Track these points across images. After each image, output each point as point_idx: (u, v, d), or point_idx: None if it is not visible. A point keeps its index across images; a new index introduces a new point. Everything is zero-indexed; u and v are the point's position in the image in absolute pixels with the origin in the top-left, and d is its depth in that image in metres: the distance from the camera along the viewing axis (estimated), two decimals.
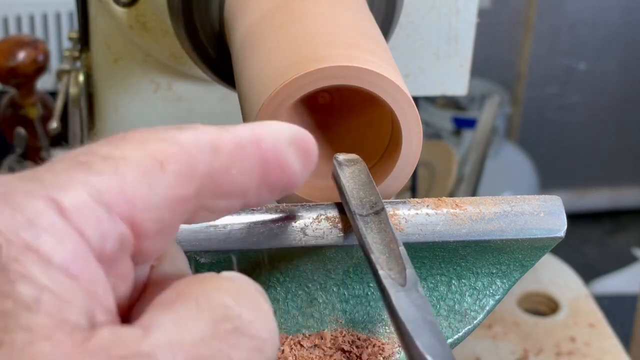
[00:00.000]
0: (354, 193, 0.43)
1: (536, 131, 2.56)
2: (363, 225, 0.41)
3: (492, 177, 2.03)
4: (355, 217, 0.41)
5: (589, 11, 2.44)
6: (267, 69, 0.46)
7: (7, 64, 0.99)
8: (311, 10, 0.50)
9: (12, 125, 1.04)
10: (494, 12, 2.39)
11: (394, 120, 0.46)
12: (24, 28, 1.84)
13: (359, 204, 0.42)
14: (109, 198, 0.30)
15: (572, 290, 1.06)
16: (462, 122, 2.29)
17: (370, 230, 0.40)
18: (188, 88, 0.74)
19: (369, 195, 0.43)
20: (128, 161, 0.31)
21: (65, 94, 0.85)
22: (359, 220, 0.41)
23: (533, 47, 2.46)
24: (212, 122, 0.74)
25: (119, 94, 0.74)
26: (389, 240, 0.39)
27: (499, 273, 0.46)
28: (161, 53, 0.71)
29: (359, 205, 0.42)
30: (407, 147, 0.46)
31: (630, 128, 2.60)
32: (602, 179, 2.66)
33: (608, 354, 0.95)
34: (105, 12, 0.70)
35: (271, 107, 0.44)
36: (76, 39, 0.84)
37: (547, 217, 0.45)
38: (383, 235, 0.40)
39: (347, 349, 0.44)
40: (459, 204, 0.44)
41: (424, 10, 0.71)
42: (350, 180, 0.43)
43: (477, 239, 0.44)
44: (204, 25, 0.59)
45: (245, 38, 0.52)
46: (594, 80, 2.53)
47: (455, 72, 0.74)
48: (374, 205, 0.42)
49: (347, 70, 0.44)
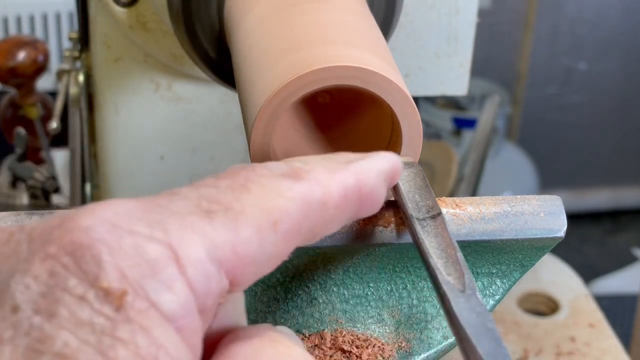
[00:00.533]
0: (410, 196, 0.42)
1: (536, 131, 2.56)
2: (420, 229, 0.40)
3: (492, 177, 2.03)
4: (413, 221, 0.41)
5: (589, 11, 2.44)
6: (267, 69, 0.46)
7: (7, 64, 0.99)
8: (311, 10, 0.50)
9: (12, 125, 1.04)
10: (494, 12, 2.39)
11: (394, 120, 0.46)
12: (24, 28, 1.84)
13: (415, 207, 0.42)
14: (222, 255, 0.31)
15: (572, 290, 1.06)
16: (462, 122, 2.29)
17: (428, 235, 0.40)
18: (188, 88, 0.74)
19: (426, 200, 0.42)
20: (246, 217, 0.32)
21: (65, 94, 0.85)
22: (416, 223, 0.41)
23: (533, 47, 2.46)
24: (212, 122, 0.74)
25: (119, 94, 0.74)
26: (446, 245, 0.39)
27: (498, 273, 0.46)
28: (161, 53, 0.71)
29: (415, 208, 0.42)
30: (407, 147, 0.46)
31: (630, 128, 2.60)
32: (602, 179, 2.66)
33: (608, 354, 0.95)
34: (105, 12, 0.70)
35: (271, 107, 0.44)
36: (76, 39, 0.84)
37: (547, 217, 0.45)
38: (440, 240, 0.39)
39: (347, 349, 0.44)
40: (459, 204, 0.44)
41: (424, 10, 0.71)
42: (407, 183, 0.43)
43: (477, 239, 0.44)
44: (204, 25, 0.59)
45: (245, 38, 0.52)
46: (594, 80, 2.53)
47: (455, 72, 0.74)
48: (431, 210, 0.41)
49: (347, 70, 0.44)
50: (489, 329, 0.34)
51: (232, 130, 0.76)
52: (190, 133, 0.76)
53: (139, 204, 0.31)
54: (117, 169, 0.77)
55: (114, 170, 0.77)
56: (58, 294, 0.28)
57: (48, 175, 0.96)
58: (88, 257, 0.29)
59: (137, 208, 0.31)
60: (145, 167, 0.77)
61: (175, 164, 0.77)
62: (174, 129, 0.76)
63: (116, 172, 0.77)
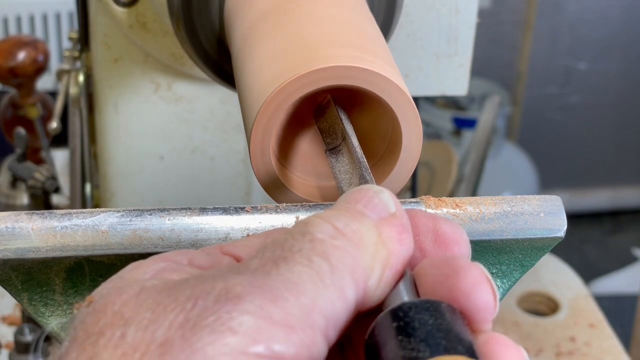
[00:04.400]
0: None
1: (536, 131, 2.56)
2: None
3: (492, 177, 2.03)
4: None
5: (589, 11, 2.44)
6: (267, 69, 0.46)
7: (7, 64, 0.99)
8: (311, 10, 0.50)
9: (12, 125, 1.04)
10: (494, 12, 2.39)
11: (394, 120, 0.46)
12: (24, 28, 1.84)
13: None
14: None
15: (572, 290, 1.06)
16: (462, 122, 2.29)
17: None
18: (188, 88, 0.74)
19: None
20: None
21: (65, 94, 0.85)
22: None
23: (533, 47, 2.46)
24: (212, 122, 0.74)
25: (119, 94, 0.74)
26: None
27: (499, 273, 0.46)
28: (161, 53, 0.71)
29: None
30: (407, 147, 0.46)
31: (630, 128, 2.60)
32: (602, 179, 2.66)
33: (608, 354, 0.95)
34: (105, 12, 0.70)
35: (271, 107, 0.44)
36: (76, 39, 0.84)
37: (547, 217, 0.45)
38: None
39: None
40: (459, 204, 0.44)
41: (424, 10, 0.71)
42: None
43: (477, 239, 0.44)
44: (204, 25, 0.59)
45: (245, 38, 0.52)
46: (594, 80, 2.53)
47: (455, 72, 0.74)
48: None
49: (347, 70, 0.44)
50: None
51: (232, 130, 0.76)
52: (190, 133, 0.76)
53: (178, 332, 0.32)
54: (117, 169, 0.77)
55: (114, 170, 0.77)
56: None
57: (48, 175, 0.96)
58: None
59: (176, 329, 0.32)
60: (145, 167, 0.77)
61: (175, 164, 0.77)
62: (174, 129, 0.76)
63: (116, 172, 0.77)
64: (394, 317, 0.34)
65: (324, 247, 0.34)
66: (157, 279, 0.34)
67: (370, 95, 0.45)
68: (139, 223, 0.41)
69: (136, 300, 0.33)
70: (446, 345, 0.32)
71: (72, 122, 0.83)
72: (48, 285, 0.42)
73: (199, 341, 0.31)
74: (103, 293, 0.34)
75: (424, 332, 0.32)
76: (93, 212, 0.42)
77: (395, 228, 0.36)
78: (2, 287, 0.42)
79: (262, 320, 0.31)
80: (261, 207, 0.43)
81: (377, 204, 0.36)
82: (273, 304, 0.32)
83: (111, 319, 0.32)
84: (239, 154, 0.77)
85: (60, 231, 0.41)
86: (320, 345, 0.33)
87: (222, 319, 0.31)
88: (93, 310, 0.33)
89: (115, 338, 0.32)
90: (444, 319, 0.33)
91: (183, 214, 0.42)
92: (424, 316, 0.33)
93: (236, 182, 0.77)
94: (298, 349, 0.32)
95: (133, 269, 0.35)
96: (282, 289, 0.32)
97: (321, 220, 0.35)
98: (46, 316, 0.43)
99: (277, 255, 0.34)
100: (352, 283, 0.34)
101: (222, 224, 0.42)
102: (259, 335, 0.31)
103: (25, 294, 0.42)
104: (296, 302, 0.32)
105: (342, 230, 0.35)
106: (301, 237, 0.34)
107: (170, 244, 0.42)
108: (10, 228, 0.41)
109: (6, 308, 0.98)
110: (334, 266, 0.34)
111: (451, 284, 0.34)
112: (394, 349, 0.33)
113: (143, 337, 0.31)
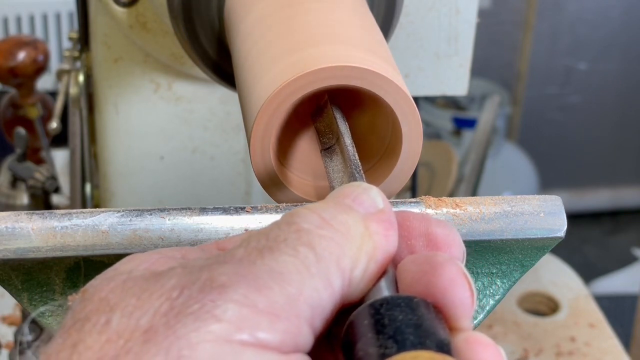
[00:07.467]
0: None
1: (536, 131, 2.56)
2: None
3: (492, 177, 2.03)
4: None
5: (589, 11, 2.44)
6: (267, 69, 0.46)
7: (7, 64, 0.99)
8: (311, 10, 0.50)
9: (12, 125, 1.04)
10: (494, 12, 2.39)
11: (394, 120, 0.46)
12: (24, 28, 1.84)
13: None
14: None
15: (572, 290, 1.06)
16: (462, 122, 2.29)
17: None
18: (188, 88, 0.74)
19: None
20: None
21: (65, 94, 0.85)
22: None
23: (533, 47, 2.46)
24: (212, 122, 0.74)
25: (119, 94, 0.74)
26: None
27: (499, 273, 0.46)
28: (161, 53, 0.71)
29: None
30: (407, 147, 0.46)
31: (630, 128, 2.60)
32: (602, 179, 2.66)
33: (608, 354, 0.95)
34: (105, 12, 0.70)
35: (271, 107, 0.44)
36: (76, 39, 0.84)
37: (547, 217, 0.45)
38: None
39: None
40: (459, 204, 0.44)
41: (424, 10, 0.71)
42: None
43: (477, 239, 0.44)
44: (204, 25, 0.59)
45: (245, 38, 0.52)
46: (594, 80, 2.53)
47: (455, 72, 0.74)
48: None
49: (347, 70, 0.44)
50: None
51: (232, 130, 0.76)
52: (190, 133, 0.76)
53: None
54: (117, 169, 0.77)
55: (114, 170, 0.77)
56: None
57: (48, 175, 0.96)
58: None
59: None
60: (145, 167, 0.77)
61: (175, 164, 0.77)
62: (174, 129, 0.76)
63: (116, 172, 0.77)
64: (367, 313, 0.34)
65: (310, 237, 0.34)
66: (148, 270, 0.35)
67: (371, 96, 0.45)
68: (139, 223, 0.42)
69: (122, 287, 0.33)
70: (414, 341, 0.32)
71: (72, 122, 0.83)
72: (48, 285, 0.42)
73: (182, 328, 0.31)
74: (95, 283, 0.34)
75: (392, 328, 0.33)
76: (93, 212, 0.42)
77: (382, 223, 0.36)
78: (2, 287, 0.42)
79: (246, 308, 0.32)
80: (261, 207, 0.43)
81: (366, 200, 0.36)
82: (258, 293, 0.32)
83: (97, 305, 0.33)
84: (239, 154, 0.77)
85: (60, 231, 0.41)
86: (305, 334, 0.33)
87: (207, 307, 0.31)
88: (82, 299, 0.34)
89: (100, 324, 0.32)
90: (414, 315, 0.33)
91: (183, 214, 0.42)
92: (395, 312, 0.33)
93: (236, 182, 0.77)
94: (283, 337, 0.32)
95: (127, 262, 0.36)
96: (266, 279, 0.33)
97: (308, 211, 0.35)
98: (46, 316, 0.43)
99: (262, 245, 0.34)
100: (338, 272, 0.34)
101: (222, 224, 0.42)
102: (243, 323, 0.31)
103: (25, 294, 0.42)
104: (281, 291, 0.32)
105: (329, 221, 0.35)
106: (287, 227, 0.35)
107: (170, 244, 0.42)
108: (10, 228, 0.41)
109: (6, 308, 0.98)
110: (319, 255, 0.34)
111: (428, 280, 0.34)
112: (364, 346, 0.33)
113: (127, 323, 0.32)
